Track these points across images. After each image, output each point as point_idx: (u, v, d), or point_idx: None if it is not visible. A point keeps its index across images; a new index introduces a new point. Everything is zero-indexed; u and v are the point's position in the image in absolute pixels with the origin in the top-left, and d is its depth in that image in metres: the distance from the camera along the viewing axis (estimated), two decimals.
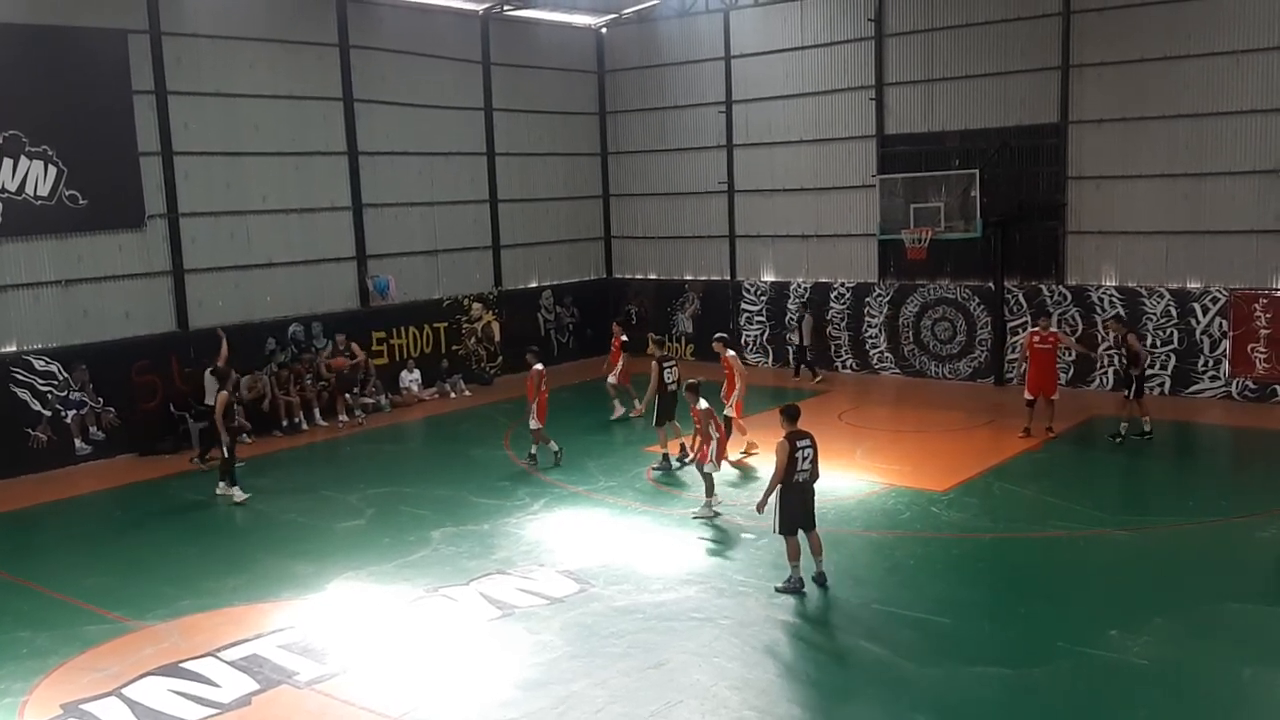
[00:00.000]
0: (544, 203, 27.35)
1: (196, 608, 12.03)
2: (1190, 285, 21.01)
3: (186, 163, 20.26)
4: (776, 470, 11.71)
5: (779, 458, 11.70)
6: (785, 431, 11.88)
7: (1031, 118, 22.29)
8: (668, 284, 28.23)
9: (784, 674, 10.03)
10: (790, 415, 12.06)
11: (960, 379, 23.83)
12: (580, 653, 10.55)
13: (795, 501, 11.79)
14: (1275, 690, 9.40)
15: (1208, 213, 20.68)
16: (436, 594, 12.21)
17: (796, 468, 11.68)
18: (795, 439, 11.75)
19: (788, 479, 11.67)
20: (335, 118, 22.62)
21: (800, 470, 11.71)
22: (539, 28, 26.99)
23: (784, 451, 11.67)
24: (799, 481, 11.76)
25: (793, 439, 11.75)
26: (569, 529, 14.44)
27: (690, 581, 12.30)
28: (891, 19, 23.85)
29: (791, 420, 11.99)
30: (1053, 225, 22.34)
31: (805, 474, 11.80)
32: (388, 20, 23.50)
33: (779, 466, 11.68)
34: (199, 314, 20.50)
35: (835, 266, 25.34)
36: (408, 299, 24.06)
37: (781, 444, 11.74)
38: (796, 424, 11.95)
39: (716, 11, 26.29)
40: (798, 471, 11.70)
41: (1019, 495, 15.41)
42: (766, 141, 25.94)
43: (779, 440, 11.81)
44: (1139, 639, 10.44)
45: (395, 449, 20.04)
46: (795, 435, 11.80)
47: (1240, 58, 20.00)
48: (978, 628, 11.00)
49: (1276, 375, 20.23)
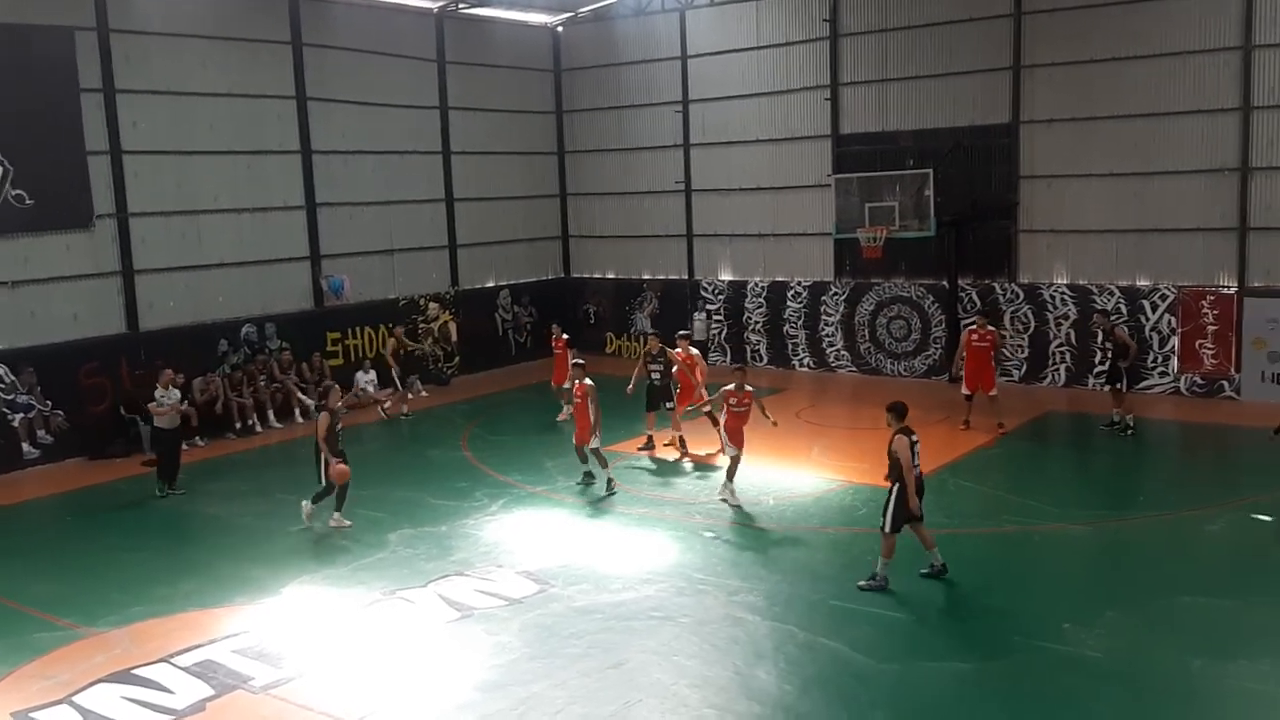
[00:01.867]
0: (501, 202, 27.23)
1: (149, 613, 11.85)
2: (1140, 283, 21.35)
3: (136, 162, 19.96)
4: (904, 468, 11.58)
5: (901, 456, 11.61)
6: (895, 429, 11.82)
7: (984, 118, 22.54)
8: (626, 283, 28.22)
9: (743, 671, 10.05)
10: (899, 412, 11.95)
11: (915, 376, 24.04)
12: (539, 654, 10.51)
13: (908, 499, 11.71)
14: (1225, 681, 9.56)
15: (1156, 211, 21.02)
16: (394, 596, 12.12)
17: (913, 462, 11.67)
18: (909, 434, 11.74)
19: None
20: (289, 116, 22.39)
21: (914, 467, 11.71)
22: (494, 26, 26.88)
23: (905, 449, 11.64)
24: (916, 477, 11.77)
25: (906, 435, 11.73)
26: (528, 529, 14.39)
27: (650, 580, 12.30)
28: (846, 19, 24.01)
29: (900, 417, 11.90)
30: (1005, 224, 22.60)
31: (917, 469, 11.79)
32: (341, 18, 23.29)
33: (904, 464, 11.58)
34: (149, 315, 20.21)
35: (792, 265, 25.47)
36: (363, 299, 23.87)
37: (900, 441, 11.68)
38: (905, 420, 11.90)
39: (672, 11, 26.32)
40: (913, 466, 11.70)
41: (974, 491, 15.57)
42: (723, 141, 26.02)
43: (894, 438, 11.73)
44: (1092, 632, 10.59)
45: (351, 451, 19.75)
46: (906, 431, 11.78)
47: (1187, 59, 20.35)
48: (934, 623, 11.11)
49: (1223, 371, 20.61)
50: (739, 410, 15.19)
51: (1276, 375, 20.12)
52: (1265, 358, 20.19)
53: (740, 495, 15.19)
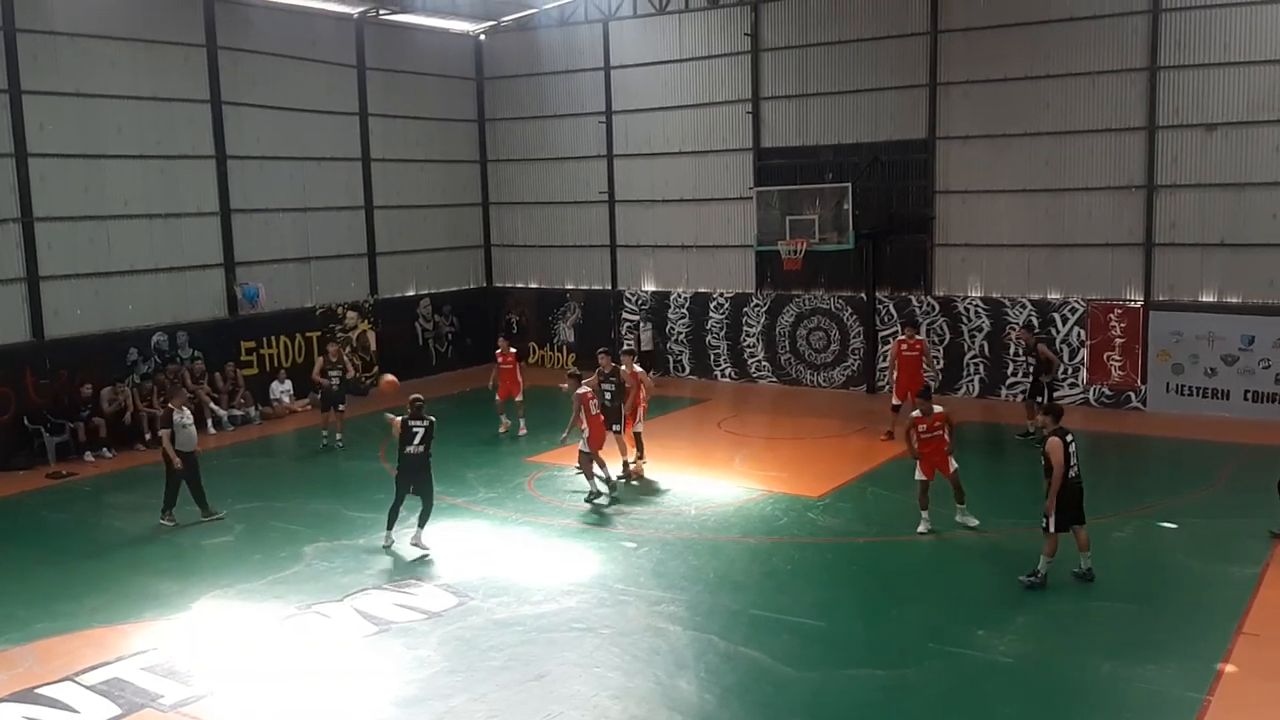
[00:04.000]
0: (422, 210, 26.98)
1: (52, 630, 11.48)
2: (1051, 296, 21.90)
3: (43, 165, 19.38)
4: (1056, 469, 11.72)
5: (1054, 456, 11.75)
6: (1050, 429, 11.99)
7: (901, 133, 22.96)
8: (549, 293, 28.13)
9: (664, 682, 10.05)
10: (1055, 413, 12.22)
11: (834, 387, 24.34)
12: (459, 667, 10.40)
13: (1070, 498, 11.88)
14: (1133, 684, 9.82)
15: (1067, 226, 21.59)
16: (309, 611, 11.90)
17: (1069, 463, 11.80)
18: (1063, 435, 11.87)
19: (1066, 476, 11.77)
20: (202, 120, 21.91)
21: (1071, 466, 11.84)
22: (416, 33, 26.65)
23: (1058, 450, 11.75)
24: (1072, 478, 11.89)
25: (1062, 435, 11.85)
26: (448, 542, 14.22)
27: (571, 592, 12.25)
28: (767, 34, 24.29)
29: (1056, 418, 12.12)
30: (921, 237, 23.03)
31: (1075, 469, 11.92)
32: (258, 21, 22.88)
33: (1058, 464, 11.72)
34: (55, 323, 19.61)
35: (715, 277, 25.64)
36: (278, 307, 23.43)
37: (1055, 442, 11.81)
38: (1060, 421, 12.08)
39: (596, 22, 26.37)
40: (1070, 468, 11.82)
41: (891, 500, 15.79)
42: (646, 152, 26.12)
43: (1050, 439, 11.87)
44: (1005, 638, 10.81)
45: (266, 462, 19.47)
46: (1061, 432, 11.91)
47: (1095, 79, 20.96)
48: (852, 630, 11.23)
49: (1130, 382, 21.21)
50: (930, 436, 13.99)
51: (1180, 387, 20.78)
52: (1170, 369, 20.84)
53: (662, 505, 15.20)
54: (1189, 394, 20.66)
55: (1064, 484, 11.83)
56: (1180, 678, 9.86)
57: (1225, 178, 20.15)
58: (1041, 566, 12.04)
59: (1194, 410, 20.41)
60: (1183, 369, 20.70)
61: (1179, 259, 20.72)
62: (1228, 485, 16.11)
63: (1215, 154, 20.20)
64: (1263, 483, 14.29)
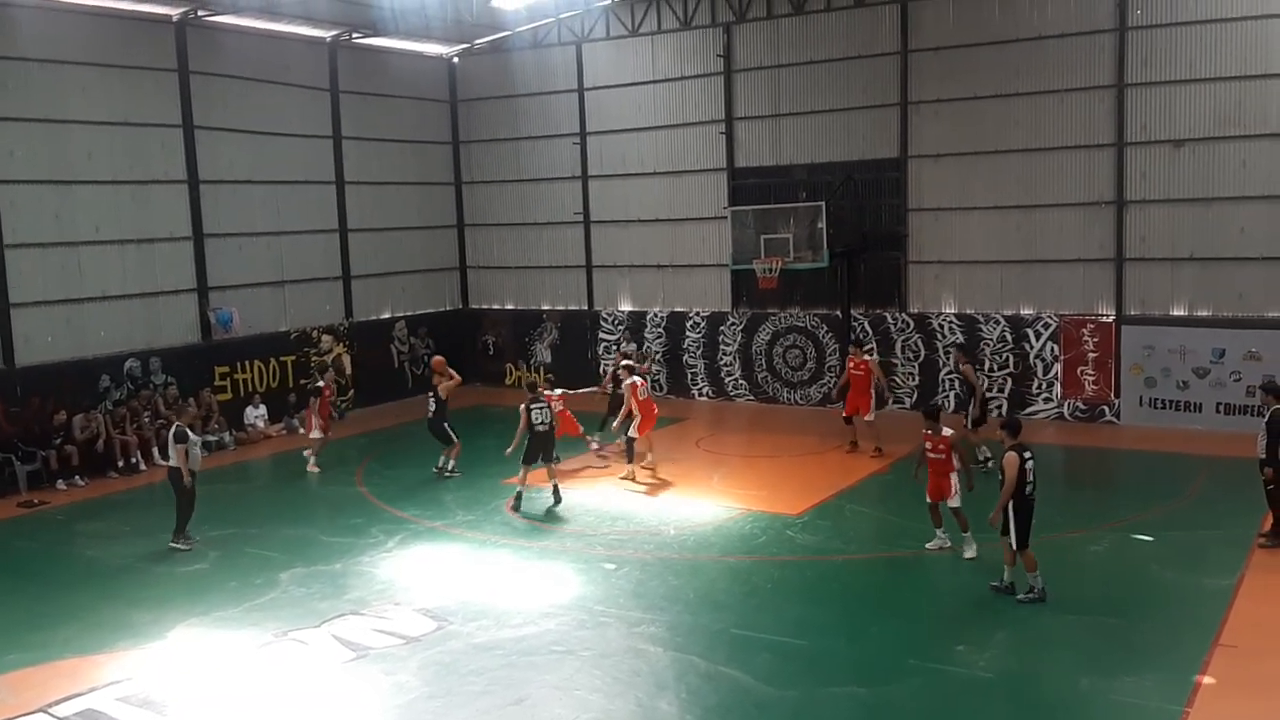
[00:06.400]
0: (397, 232, 26.92)
1: (24, 661, 11.30)
2: (1024, 311, 22.07)
3: (12, 191, 19.24)
4: (1007, 484, 11.74)
5: (1008, 471, 11.76)
6: (1009, 444, 11.97)
7: (874, 152, 23.12)
8: (525, 314, 28.11)
9: (645, 704, 10.00)
10: (1013, 429, 12.16)
11: (811, 405, 24.40)
12: (438, 692, 10.32)
13: (1028, 513, 11.87)
14: (1111, 697, 9.84)
15: (1038, 243, 21.78)
16: (286, 638, 11.77)
17: (1025, 480, 11.80)
18: (1021, 451, 11.87)
19: (1019, 491, 11.77)
20: (174, 145, 21.82)
21: (1028, 483, 11.85)
22: (389, 56, 26.66)
23: (1013, 465, 11.76)
24: (1028, 495, 11.88)
25: (1019, 451, 11.86)
26: (425, 566, 14.14)
27: (550, 614, 12.19)
28: (739, 55, 24.44)
29: (1014, 434, 12.08)
30: (895, 255, 23.17)
31: (1032, 485, 11.92)
32: (230, 45, 22.82)
33: (1009, 480, 11.74)
34: (26, 350, 19.42)
35: (691, 296, 25.69)
36: (253, 332, 23.30)
37: (1010, 457, 11.82)
38: (1018, 437, 12.06)
39: (569, 44, 26.46)
40: (1026, 484, 11.82)
41: (869, 517, 15.83)
42: (621, 173, 26.19)
43: (1008, 454, 11.88)
44: (984, 653, 10.83)
45: (240, 488, 19.29)
46: (1020, 448, 11.91)
47: (1064, 96, 21.20)
48: (833, 648, 11.22)
49: (1104, 396, 21.37)
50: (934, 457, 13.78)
51: (1153, 400, 20.96)
52: (1142, 383, 21.02)
53: (641, 525, 15.18)
54: (1162, 407, 20.83)
55: (1023, 499, 11.87)
56: (1158, 690, 9.90)
57: (1193, 193, 20.40)
58: (1033, 581, 12.05)
59: (1167, 423, 20.56)
60: (1155, 382, 20.88)
61: (1150, 273, 20.94)
62: (1201, 497, 16.23)
63: (1183, 169, 20.45)
64: (1236, 494, 14.42)
